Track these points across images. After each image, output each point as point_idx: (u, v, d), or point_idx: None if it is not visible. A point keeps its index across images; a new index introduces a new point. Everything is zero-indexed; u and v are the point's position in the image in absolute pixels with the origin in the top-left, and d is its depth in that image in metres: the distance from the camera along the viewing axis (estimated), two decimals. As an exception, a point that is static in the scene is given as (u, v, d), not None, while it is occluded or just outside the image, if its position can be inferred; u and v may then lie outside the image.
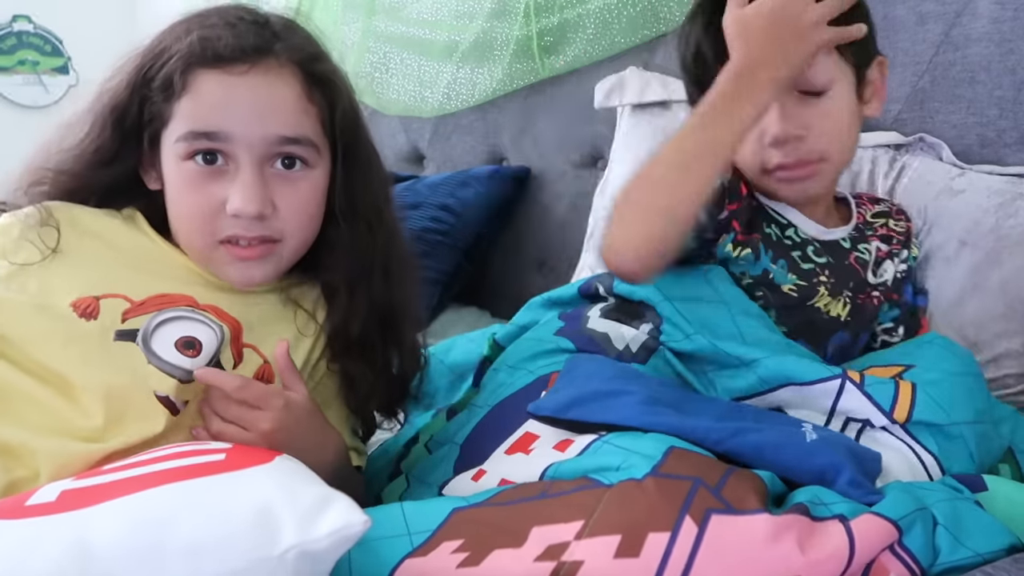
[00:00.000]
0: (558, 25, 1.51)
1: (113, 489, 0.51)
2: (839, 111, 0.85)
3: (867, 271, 0.92)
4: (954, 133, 1.11)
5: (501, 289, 1.72)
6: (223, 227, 0.72)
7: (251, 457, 0.55)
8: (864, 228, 0.96)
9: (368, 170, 0.80)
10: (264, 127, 0.71)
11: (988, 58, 1.07)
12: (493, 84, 1.63)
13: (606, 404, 0.68)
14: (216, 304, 0.74)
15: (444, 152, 1.82)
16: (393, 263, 0.80)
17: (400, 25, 1.80)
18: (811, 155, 0.85)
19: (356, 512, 0.50)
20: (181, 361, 0.69)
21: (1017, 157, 1.06)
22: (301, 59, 0.73)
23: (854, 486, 0.60)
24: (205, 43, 0.70)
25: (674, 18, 1.36)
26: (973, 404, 0.72)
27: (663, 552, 0.50)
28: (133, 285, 0.72)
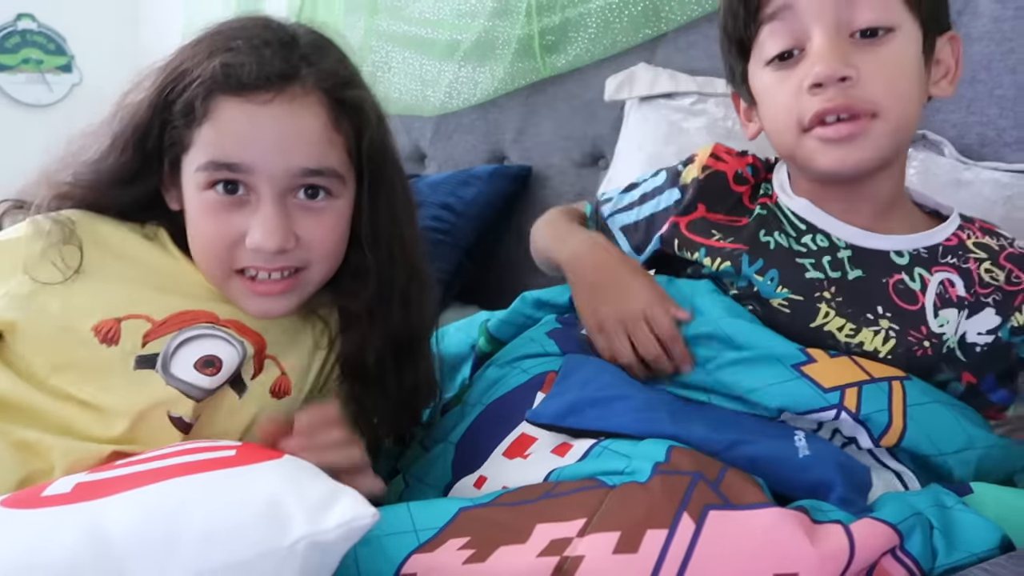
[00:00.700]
0: (559, 24, 1.51)
1: (127, 481, 0.52)
2: (900, 62, 0.72)
3: (924, 310, 0.75)
4: (954, 132, 1.11)
5: (503, 288, 1.72)
6: (241, 258, 0.70)
7: (261, 454, 0.56)
8: (947, 253, 0.77)
9: (393, 197, 0.77)
10: (287, 159, 0.68)
11: (989, 57, 1.07)
12: (495, 83, 1.64)
13: (603, 411, 0.68)
14: (238, 319, 0.73)
15: (445, 151, 1.82)
16: (413, 292, 0.78)
17: (402, 24, 1.80)
18: (860, 104, 0.71)
19: (365, 505, 0.51)
20: (200, 381, 0.68)
21: (1017, 156, 1.06)
22: (329, 87, 0.70)
23: (845, 503, 0.60)
24: (228, 69, 0.67)
25: (675, 18, 1.36)
26: (964, 432, 0.70)
27: (661, 548, 0.51)
28: (154, 304, 0.71)
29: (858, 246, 0.77)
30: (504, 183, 1.63)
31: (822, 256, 0.77)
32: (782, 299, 0.76)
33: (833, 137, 0.72)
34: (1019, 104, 1.06)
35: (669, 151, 1.28)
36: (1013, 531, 0.59)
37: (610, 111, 1.47)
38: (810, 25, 0.72)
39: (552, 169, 1.62)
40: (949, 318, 0.74)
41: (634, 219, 0.93)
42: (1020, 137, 1.06)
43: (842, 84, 0.71)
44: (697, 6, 1.33)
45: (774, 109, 0.77)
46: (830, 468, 0.62)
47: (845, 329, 0.74)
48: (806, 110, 0.73)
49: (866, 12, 0.71)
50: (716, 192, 0.85)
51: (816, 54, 0.72)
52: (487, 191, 1.61)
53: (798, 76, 0.73)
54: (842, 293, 0.76)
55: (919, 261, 0.77)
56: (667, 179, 0.92)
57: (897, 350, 0.73)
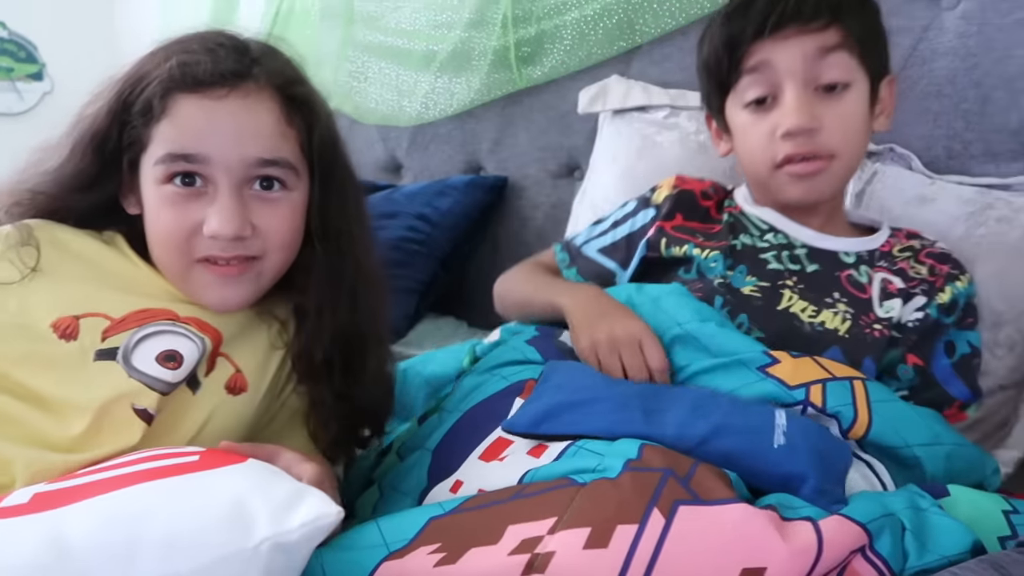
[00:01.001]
0: (535, 36, 1.52)
1: (88, 489, 0.52)
2: (853, 113, 0.88)
3: (872, 300, 0.88)
4: (922, 144, 1.13)
5: (478, 298, 1.72)
6: (200, 247, 0.72)
7: (225, 458, 0.56)
8: (882, 257, 0.92)
9: (343, 193, 0.80)
10: (243, 149, 0.72)
11: (954, 72, 1.10)
12: (471, 94, 1.64)
13: (576, 416, 0.69)
14: (197, 316, 0.74)
15: (422, 161, 1.82)
16: (361, 289, 0.80)
17: (378, 35, 1.80)
18: (822, 150, 0.87)
19: (329, 504, 0.51)
20: (162, 374, 0.69)
21: (982, 168, 1.09)
22: (280, 83, 0.74)
23: (819, 494, 0.61)
24: (184, 68, 0.71)
25: (649, 31, 1.38)
26: (929, 427, 0.73)
27: (631, 543, 0.52)
28: (113, 303, 0.72)
29: (812, 246, 0.91)
30: (480, 193, 1.63)
31: (782, 251, 0.91)
32: (752, 286, 0.88)
33: (800, 173, 0.88)
34: (984, 118, 1.08)
35: (642, 165, 1.29)
36: (985, 534, 0.60)
37: (585, 122, 1.48)
38: (784, 79, 0.87)
39: (528, 180, 1.63)
40: (894, 306, 0.87)
41: (611, 240, 1.04)
42: (985, 150, 1.09)
43: (808, 133, 0.86)
44: (671, 19, 1.34)
45: (749, 145, 0.92)
46: (804, 459, 0.63)
47: (808, 310, 0.86)
48: (778, 152, 0.88)
49: (829, 72, 0.86)
50: (688, 204, 0.98)
51: (789, 106, 0.87)
52: (463, 201, 1.61)
53: (771, 121, 0.88)
54: (803, 281, 0.88)
55: (863, 261, 0.91)
56: (638, 204, 1.04)
57: (853, 330, 0.85)
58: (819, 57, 0.86)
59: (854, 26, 0.86)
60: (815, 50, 0.86)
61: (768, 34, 0.86)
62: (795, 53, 0.86)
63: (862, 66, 0.88)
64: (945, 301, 0.88)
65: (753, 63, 0.89)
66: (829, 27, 0.86)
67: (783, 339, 0.83)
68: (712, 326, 0.81)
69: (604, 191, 1.33)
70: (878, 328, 0.85)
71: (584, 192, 1.42)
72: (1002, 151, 1.07)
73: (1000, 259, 0.96)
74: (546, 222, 1.59)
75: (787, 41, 0.86)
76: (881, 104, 0.93)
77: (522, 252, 1.64)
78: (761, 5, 0.87)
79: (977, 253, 0.97)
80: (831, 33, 0.86)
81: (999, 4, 1.05)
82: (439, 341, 1.57)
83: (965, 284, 0.90)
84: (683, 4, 1.32)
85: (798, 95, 0.86)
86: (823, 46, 0.86)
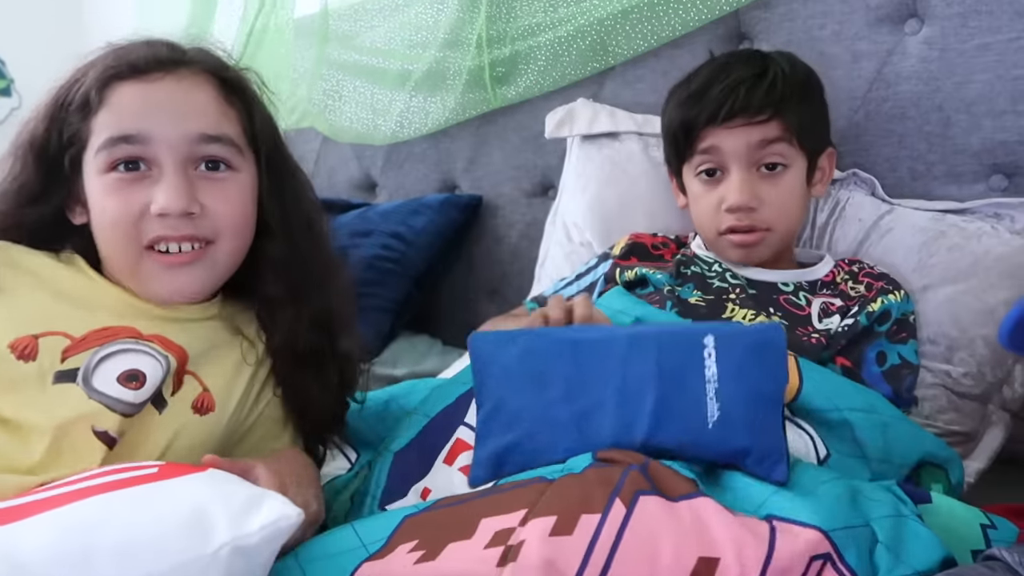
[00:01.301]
0: (510, 56, 1.53)
1: (41, 505, 0.51)
2: (790, 190, 1.01)
3: (810, 316, 0.98)
4: (887, 166, 1.16)
5: (453, 317, 1.72)
6: (148, 229, 0.71)
7: (183, 469, 0.56)
8: (824, 286, 1.02)
9: (295, 180, 0.81)
10: (184, 125, 0.71)
11: (917, 95, 1.13)
12: (446, 113, 1.65)
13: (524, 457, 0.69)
14: (161, 333, 0.72)
15: (396, 180, 1.83)
16: (324, 271, 0.81)
17: (353, 53, 1.80)
18: (760, 223, 1.00)
19: (289, 506, 0.51)
20: (123, 395, 0.67)
21: (944, 190, 1.12)
22: (214, 67, 0.76)
23: (758, 463, 0.65)
24: (119, 57, 0.73)
25: (622, 52, 1.40)
26: (863, 396, 0.77)
27: (594, 530, 0.54)
28: (73, 321, 0.70)
29: (752, 279, 1.02)
30: (455, 212, 1.64)
31: (726, 274, 1.02)
32: (698, 298, 0.99)
33: (739, 243, 1.02)
34: (946, 140, 1.11)
35: (612, 193, 1.30)
36: (960, 546, 0.61)
37: (559, 142, 1.49)
38: (730, 161, 1.01)
39: (503, 199, 1.64)
40: (833, 321, 0.97)
41: (576, 289, 1.15)
42: (948, 171, 1.11)
43: (748, 210, 0.99)
44: (643, 42, 1.36)
45: (699, 211, 1.06)
46: (740, 431, 0.66)
47: (748, 315, 0.95)
48: (722, 222, 1.02)
49: (769, 156, 1.00)
50: (643, 251, 1.12)
51: (733, 185, 1.00)
52: (437, 220, 1.61)
53: (719, 193, 1.02)
54: (744, 295, 0.99)
55: (802, 288, 1.02)
56: (599, 258, 1.16)
57: (790, 335, 0.89)
58: (760, 147, 0.99)
59: (794, 119, 0.99)
60: (758, 140, 0.99)
61: (719, 123, 0.99)
62: (740, 141, 0.99)
63: (801, 150, 1.01)
64: (875, 309, 0.96)
65: (705, 146, 1.02)
66: (771, 120, 0.99)
67: None
68: (656, 310, 0.92)
69: (574, 217, 1.34)
70: (816, 336, 0.94)
71: (556, 212, 1.43)
72: (964, 172, 1.10)
73: (950, 287, 0.99)
74: (520, 241, 1.60)
75: (734, 130, 0.99)
76: (820, 173, 1.06)
77: (496, 270, 1.65)
78: (715, 95, 1.00)
79: (930, 282, 1.01)
80: (773, 126, 0.99)
81: (960, 30, 1.09)
82: (414, 360, 1.56)
83: (899, 298, 0.98)
84: (654, 27, 1.34)
85: (742, 177, 0.99)
86: (765, 138, 0.99)
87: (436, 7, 1.64)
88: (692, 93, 1.03)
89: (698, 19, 1.29)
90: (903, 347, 0.96)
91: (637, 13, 1.35)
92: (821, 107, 1.06)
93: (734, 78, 1.00)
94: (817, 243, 1.14)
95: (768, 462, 0.65)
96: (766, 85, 0.98)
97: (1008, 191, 1.07)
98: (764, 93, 0.98)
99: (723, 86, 0.99)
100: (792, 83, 1.00)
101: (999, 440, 1.00)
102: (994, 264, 0.98)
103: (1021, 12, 1.04)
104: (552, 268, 1.36)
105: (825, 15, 1.20)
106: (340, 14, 1.81)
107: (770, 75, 0.99)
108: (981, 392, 0.97)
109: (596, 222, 1.29)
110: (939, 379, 0.98)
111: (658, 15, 1.33)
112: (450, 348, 1.66)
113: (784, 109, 0.98)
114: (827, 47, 1.19)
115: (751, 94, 0.98)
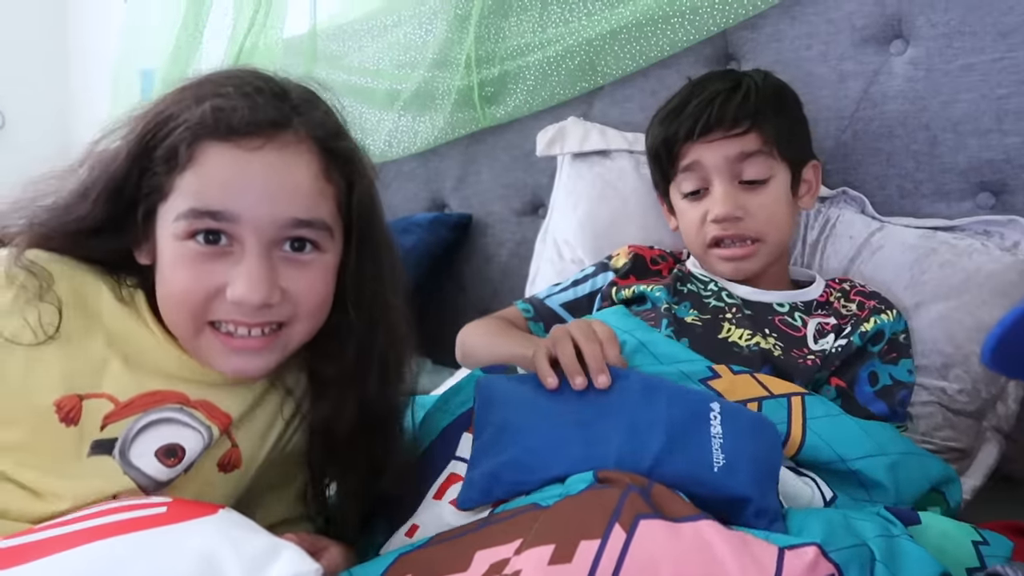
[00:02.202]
0: (499, 76, 1.54)
1: (49, 545, 0.49)
2: (775, 201, 1.01)
3: (806, 336, 0.97)
4: (875, 184, 1.17)
5: (443, 336, 1.70)
6: (218, 311, 0.65)
7: (194, 510, 0.54)
8: (819, 307, 1.02)
9: (379, 257, 0.73)
10: (276, 208, 0.64)
11: (904, 114, 1.14)
12: (434, 132, 1.65)
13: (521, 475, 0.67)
14: (209, 399, 0.68)
15: (385, 199, 1.80)
16: (392, 361, 0.74)
17: (341, 73, 1.80)
18: (748, 232, 1.00)
19: (307, 561, 0.48)
20: (158, 472, 0.65)
21: (932, 208, 1.12)
22: (321, 135, 0.67)
23: (759, 515, 0.63)
24: (218, 113, 0.63)
25: (611, 72, 1.40)
26: (869, 439, 0.76)
27: (593, 557, 0.53)
28: (121, 382, 0.65)
29: (747, 299, 1.02)
30: (444, 231, 1.63)
31: (722, 292, 1.02)
32: (694, 317, 0.98)
33: (728, 256, 1.02)
34: (933, 158, 1.12)
35: (604, 211, 1.30)
36: (954, 564, 0.61)
37: (549, 161, 1.49)
38: (712, 176, 1.02)
39: (492, 217, 1.64)
40: (828, 341, 0.96)
41: (573, 297, 1.14)
42: (935, 189, 1.12)
43: (734, 220, 1.00)
44: (631, 62, 1.37)
45: (686, 227, 1.07)
46: (744, 479, 0.65)
47: (744, 335, 0.95)
48: (708, 234, 1.02)
49: (750, 170, 1.00)
50: (642, 268, 1.12)
51: (716, 198, 1.01)
52: (427, 239, 1.60)
53: (704, 207, 1.03)
54: (740, 315, 0.98)
55: (797, 308, 1.01)
56: (597, 267, 1.15)
57: (784, 356, 0.93)
58: (740, 160, 1.00)
59: (771, 129, 1.00)
60: (736, 154, 1.00)
61: (697, 137, 1.01)
62: (719, 155, 1.00)
63: (782, 160, 1.02)
64: (868, 329, 0.96)
65: (686, 163, 1.03)
66: (749, 132, 1.00)
67: (722, 363, 0.87)
68: (660, 335, 0.89)
69: (565, 235, 1.34)
70: (811, 358, 0.94)
71: (546, 230, 1.43)
72: (952, 190, 1.11)
73: (943, 303, 1.00)
74: (511, 259, 1.60)
75: (713, 144, 1.01)
76: (806, 186, 1.06)
77: (487, 289, 1.65)
78: (691, 110, 1.02)
79: (922, 299, 1.01)
80: (750, 139, 1.00)
81: (944, 51, 1.10)
82: (403, 380, 1.55)
83: (891, 318, 0.98)
84: (643, 47, 1.35)
85: (724, 189, 1.00)
86: (743, 151, 1.00)
87: (425, 27, 1.65)
88: (670, 111, 1.06)
89: (686, 40, 1.30)
90: (894, 368, 0.96)
91: (626, 34, 1.36)
92: (798, 119, 1.07)
93: (709, 92, 1.02)
94: (808, 260, 1.15)
95: (766, 519, 0.63)
96: (739, 97, 1.00)
97: (995, 209, 1.08)
98: (738, 105, 1.00)
99: (699, 100, 1.02)
100: (765, 95, 1.02)
101: (994, 456, 1.00)
102: (986, 281, 0.98)
103: (1004, 33, 1.06)
104: (543, 286, 1.35)
105: (811, 36, 1.21)
106: (329, 34, 1.82)
107: (743, 88, 1.02)
108: (976, 409, 0.98)
109: (588, 239, 1.29)
110: (935, 396, 0.98)
111: (646, 35, 1.34)
112: (440, 367, 1.64)
113: (760, 120, 1.00)
114: (814, 67, 1.21)
115: (725, 107, 1.00)
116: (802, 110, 1.08)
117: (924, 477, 0.77)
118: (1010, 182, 1.07)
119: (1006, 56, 1.06)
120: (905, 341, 0.99)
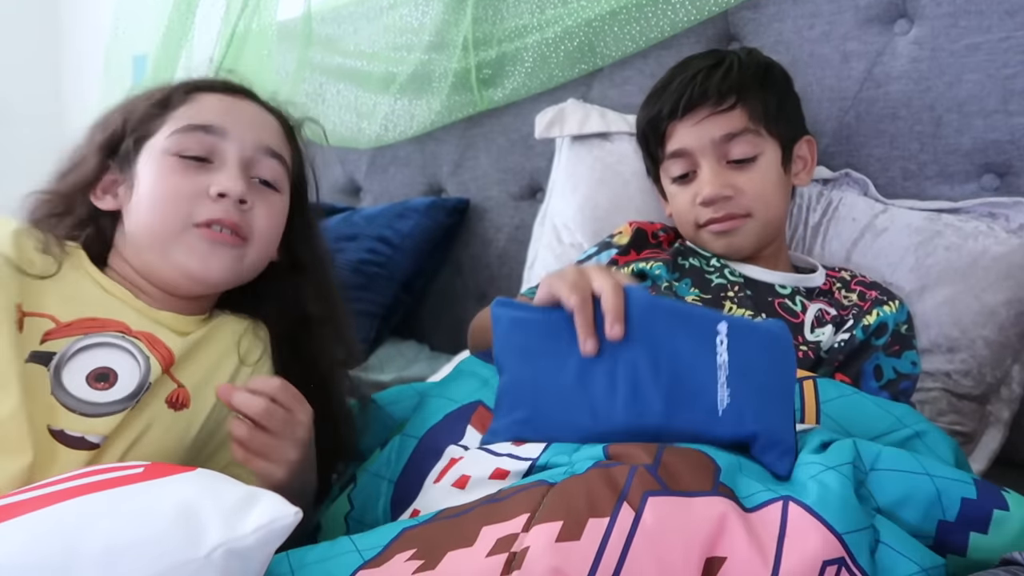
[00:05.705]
0: (496, 58, 1.52)
1: (20, 507, 0.48)
2: (763, 178, 0.99)
3: (803, 324, 0.96)
4: (879, 166, 1.15)
5: (440, 321, 1.70)
6: (201, 211, 0.74)
7: (171, 469, 0.53)
8: (822, 294, 1.00)
9: (312, 223, 0.88)
10: (258, 134, 0.79)
11: (908, 95, 1.12)
12: (431, 116, 1.63)
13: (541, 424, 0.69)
14: (151, 331, 0.72)
15: (381, 184, 1.80)
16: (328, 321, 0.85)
17: (337, 57, 1.78)
18: (738, 210, 0.99)
19: (285, 505, 0.49)
20: (86, 394, 0.66)
21: (937, 190, 1.11)
22: (281, 112, 0.86)
23: (764, 451, 0.64)
24: (207, 80, 0.83)
25: (610, 53, 1.39)
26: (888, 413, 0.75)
27: (603, 535, 0.53)
28: (63, 307, 0.70)
29: (749, 277, 1.00)
30: (442, 216, 1.62)
31: (724, 269, 1.00)
32: (695, 296, 0.97)
33: (718, 230, 1.00)
34: (937, 140, 1.11)
35: (604, 194, 1.28)
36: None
37: (547, 144, 1.47)
38: (699, 158, 1.00)
39: (490, 202, 1.62)
40: (824, 332, 0.94)
41: None
42: (939, 171, 1.11)
43: (724, 200, 0.99)
44: (631, 43, 1.35)
45: (677, 210, 1.06)
46: (750, 418, 0.65)
47: (746, 315, 0.94)
48: (700, 216, 1.01)
49: (736, 149, 0.99)
50: (643, 241, 1.10)
51: (704, 179, 1.00)
52: (424, 223, 1.59)
53: (693, 190, 1.01)
54: (742, 294, 0.97)
55: (799, 292, 0.99)
56: (600, 246, 1.13)
57: None
58: (726, 141, 0.98)
59: (757, 105, 0.98)
60: (722, 135, 0.98)
61: (681, 115, 0.99)
62: (705, 136, 0.99)
63: (771, 137, 1.00)
64: (871, 323, 0.94)
65: (673, 148, 1.02)
66: (734, 109, 0.98)
67: None
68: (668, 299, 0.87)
69: (564, 218, 1.32)
70: (803, 349, 0.92)
71: (545, 215, 1.41)
72: (956, 172, 1.10)
73: (949, 287, 0.99)
74: (509, 244, 1.58)
75: (698, 124, 0.99)
76: (801, 162, 1.05)
77: (485, 274, 1.64)
78: (675, 88, 1.01)
79: (927, 282, 1.00)
80: (736, 116, 0.98)
81: (949, 30, 1.08)
82: (401, 365, 1.54)
83: (894, 309, 0.96)
84: (643, 28, 1.33)
85: (712, 169, 0.99)
86: (730, 131, 0.98)
87: (421, 9, 1.63)
88: (655, 91, 1.06)
89: (687, 20, 1.28)
90: (897, 361, 0.95)
91: (625, 14, 1.34)
92: (787, 94, 1.05)
93: (692, 69, 1.01)
94: (810, 243, 1.13)
95: (775, 452, 0.64)
96: (722, 72, 0.99)
97: (1000, 190, 1.07)
98: (720, 79, 0.98)
99: (682, 78, 1.01)
100: (749, 69, 1.00)
101: (997, 441, 0.99)
102: (992, 264, 0.97)
103: (1010, 12, 1.04)
104: (541, 270, 1.34)
105: (814, 15, 1.19)
106: (324, 17, 1.79)
107: (727, 63, 1.00)
108: (981, 393, 0.97)
109: (587, 223, 1.28)
110: (940, 382, 0.98)
111: (646, 16, 1.32)
112: (438, 353, 1.64)
113: (745, 95, 0.98)
114: (817, 47, 1.19)
115: (708, 82, 0.98)
116: (791, 85, 1.06)
117: (949, 449, 0.75)
118: (1015, 163, 1.06)
119: (1012, 35, 1.04)
120: (908, 332, 0.97)
